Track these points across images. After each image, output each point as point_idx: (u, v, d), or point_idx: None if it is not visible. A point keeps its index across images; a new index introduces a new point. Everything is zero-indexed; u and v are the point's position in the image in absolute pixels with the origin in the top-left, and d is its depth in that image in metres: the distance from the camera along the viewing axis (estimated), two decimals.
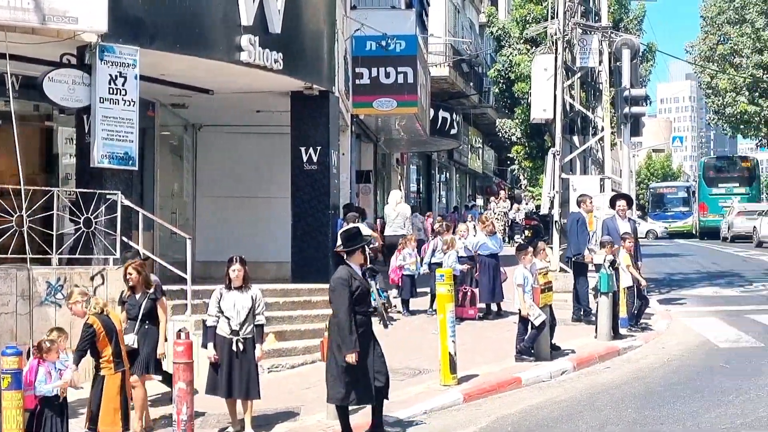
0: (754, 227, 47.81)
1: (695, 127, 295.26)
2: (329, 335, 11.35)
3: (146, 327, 12.22)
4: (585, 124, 26.51)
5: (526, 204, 49.96)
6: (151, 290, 12.39)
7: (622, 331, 17.86)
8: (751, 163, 63.98)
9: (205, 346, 11.88)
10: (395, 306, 21.24)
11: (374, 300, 19.58)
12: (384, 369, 11.41)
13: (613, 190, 25.01)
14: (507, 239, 42.37)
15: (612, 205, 20.41)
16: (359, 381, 11.10)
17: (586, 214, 20.22)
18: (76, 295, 11.24)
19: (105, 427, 10.83)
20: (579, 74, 25.74)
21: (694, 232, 63.95)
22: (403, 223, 25.11)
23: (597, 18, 26.49)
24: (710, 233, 56.42)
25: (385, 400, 11.48)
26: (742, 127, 60.92)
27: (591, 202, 20.59)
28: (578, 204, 20.85)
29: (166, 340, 12.49)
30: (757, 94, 57.46)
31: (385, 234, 25.28)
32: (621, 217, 19.77)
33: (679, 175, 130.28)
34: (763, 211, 48.34)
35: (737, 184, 61.04)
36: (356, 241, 11.44)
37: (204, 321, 12.15)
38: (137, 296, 12.34)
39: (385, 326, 18.33)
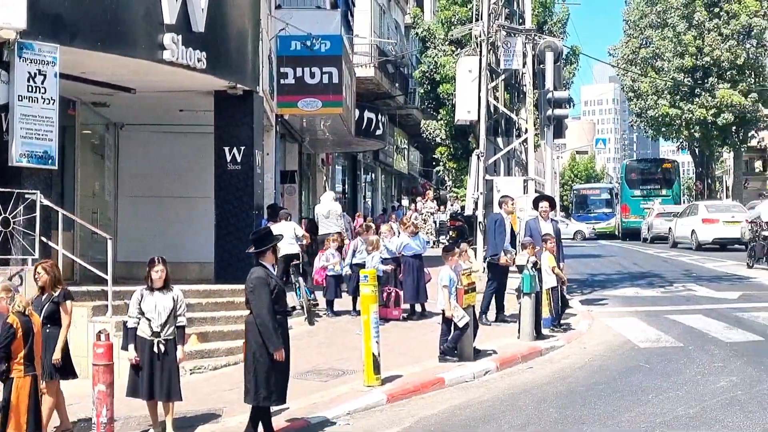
0: (670, 228, 48.96)
1: (618, 129, 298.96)
2: (246, 336, 11.27)
3: (48, 330, 11.77)
4: (509, 126, 26.68)
5: (451, 205, 50.13)
6: (56, 293, 12.05)
7: (545, 331, 17.96)
8: (672, 166, 65.05)
9: (125, 347, 11.72)
10: (317, 302, 21.21)
11: (300, 297, 19.71)
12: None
13: (536, 191, 25.18)
14: (435, 239, 42.63)
15: (535, 206, 20.51)
16: (280, 381, 11.25)
17: (507, 215, 20.25)
18: (0, 291, 10.94)
19: None
20: (503, 76, 25.90)
21: (616, 233, 64.76)
22: (335, 221, 25.08)
23: (521, 21, 26.67)
24: (632, 234, 57.23)
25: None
26: (663, 129, 61.88)
27: (512, 204, 20.64)
28: (500, 205, 20.93)
29: (66, 346, 12.06)
30: (678, 97, 58.42)
31: (319, 233, 25.27)
32: (543, 219, 19.88)
33: (602, 177, 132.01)
34: (677, 212, 49.32)
35: (658, 186, 62.03)
36: (267, 242, 11.56)
37: (125, 322, 11.99)
38: (43, 298, 12.03)
39: (311, 323, 18.40)
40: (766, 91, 57.67)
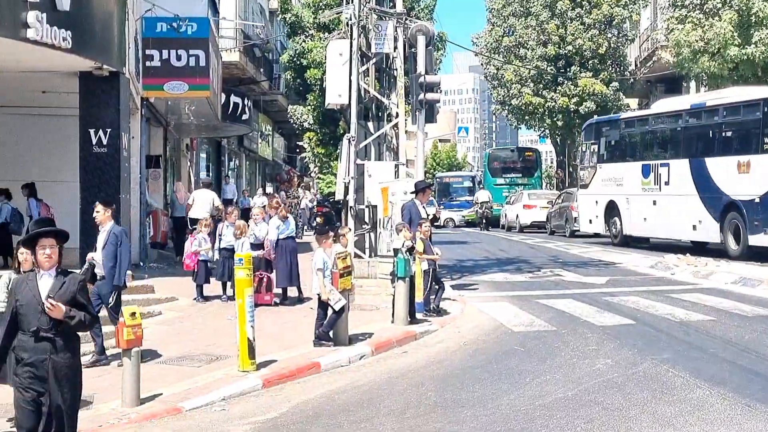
0: (505, 214, 54.46)
1: (478, 118, 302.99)
2: None
3: None
4: (379, 111, 26.56)
5: (315, 194, 50.10)
6: None
7: (419, 315, 17.87)
8: (534, 154, 66.07)
9: None
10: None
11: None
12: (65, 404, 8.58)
13: (408, 175, 25.14)
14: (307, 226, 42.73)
15: (418, 191, 20.32)
16: (28, 417, 8.51)
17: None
18: None
19: None
20: (374, 60, 25.74)
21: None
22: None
23: (392, 4, 26.54)
24: (495, 222, 57.83)
25: None
26: (526, 118, 62.61)
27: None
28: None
29: None
30: (541, 85, 59.10)
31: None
32: (421, 203, 19.87)
33: (464, 165, 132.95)
34: (513, 199, 54.18)
35: (520, 175, 62.97)
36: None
37: None
38: None
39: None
40: (627, 80, 58.81)
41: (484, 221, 55.90)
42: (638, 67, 58.29)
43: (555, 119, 59.55)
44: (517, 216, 51.89)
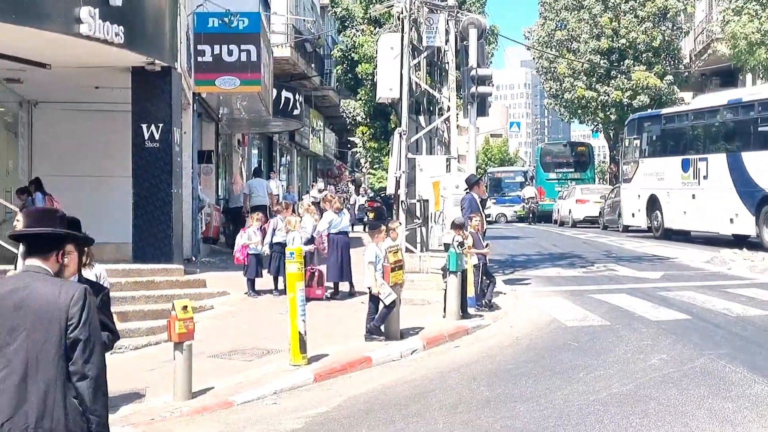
0: (557, 209, 54.93)
1: (530, 113, 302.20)
2: None
3: None
4: (431, 105, 26.42)
5: (366, 190, 50.08)
6: None
7: (471, 310, 17.75)
8: (587, 149, 65.78)
9: None
10: None
11: None
12: None
13: (459, 169, 25.01)
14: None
15: (477, 185, 20.53)
16: None
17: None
18: None
19: None
20: (425, 53, 25.59)
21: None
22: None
23: None
24: (547, 217, 57.68)
25: None
26: (579, 112, 62.25)
27: None
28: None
29: None
30: (594, 79, 58.72)
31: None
32: (477, 195, 20.09)
33: (516, 160, 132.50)
34: (565, 194, 54.25)
35: (573, 170, 62.66)
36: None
37: None
38: None
39: None
40: (682, 74, 58.26)
41: (531, 216, 58.92)
42: (693, 60, 57.74)
43: (608, 113, 59.17)
44: (570, 211, 51.75)
